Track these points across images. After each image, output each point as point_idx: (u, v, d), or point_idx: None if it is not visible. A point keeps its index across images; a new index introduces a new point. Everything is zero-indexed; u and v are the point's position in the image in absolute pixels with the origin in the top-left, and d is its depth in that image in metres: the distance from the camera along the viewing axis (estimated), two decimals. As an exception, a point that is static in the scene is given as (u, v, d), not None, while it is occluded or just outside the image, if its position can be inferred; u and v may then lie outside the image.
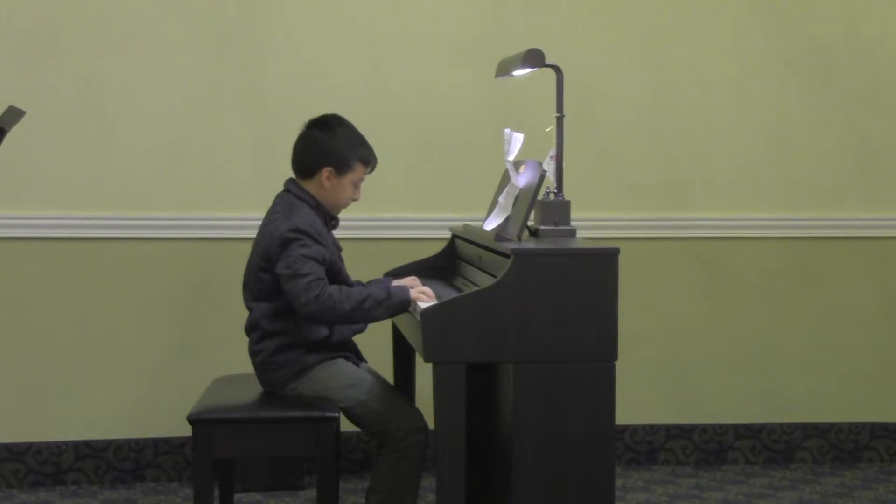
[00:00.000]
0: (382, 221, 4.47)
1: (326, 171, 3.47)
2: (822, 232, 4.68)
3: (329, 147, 3.48)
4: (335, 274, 3.44)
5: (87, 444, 4.35)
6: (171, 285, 4.38)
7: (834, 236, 4.68)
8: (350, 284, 3.45)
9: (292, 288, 3.28)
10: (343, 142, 3.48)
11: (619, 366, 3.13)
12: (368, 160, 3.53)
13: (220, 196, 4.39)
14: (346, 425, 3.56)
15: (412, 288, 3.36)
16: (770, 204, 4.68)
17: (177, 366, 4.39)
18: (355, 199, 3.56)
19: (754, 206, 4.67)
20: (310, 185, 3.50)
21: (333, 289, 3.28)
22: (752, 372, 4.70)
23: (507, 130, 3.41)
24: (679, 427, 4.67)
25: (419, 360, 3.47)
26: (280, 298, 3.38)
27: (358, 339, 3.62)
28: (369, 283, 3.62)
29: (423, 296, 3.32)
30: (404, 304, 3.30)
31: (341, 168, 3.48)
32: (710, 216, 4.64)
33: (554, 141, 3.50)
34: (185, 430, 3.61)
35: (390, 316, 3.34)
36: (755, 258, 4.68)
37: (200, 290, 4.39)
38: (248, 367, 3.59)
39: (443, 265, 3.92)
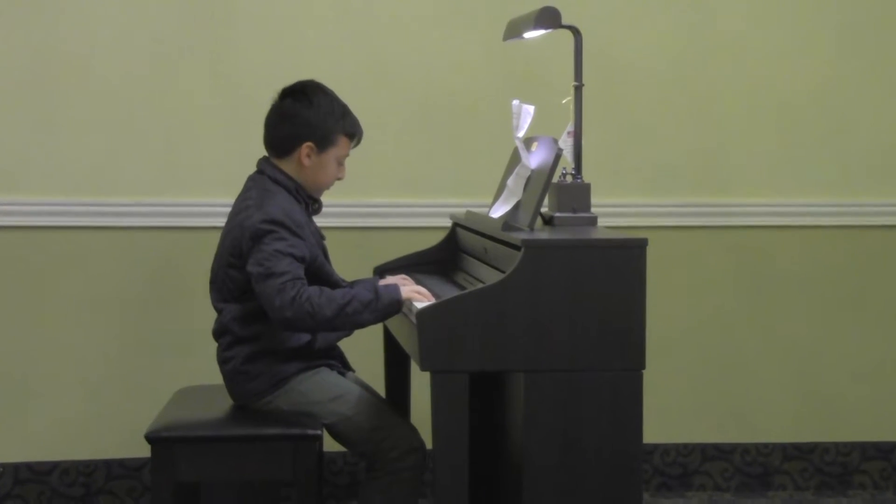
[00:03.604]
0: (372, 208, 4.49)
1: (306, 148, 3.49)
2: (880, 220, 4.70)
3: (308, 119, 3.49)
4: (317, 270, 3.45)
5: (29, 466, 4.37)
6: (127, 282, 4.39)
7: (895, 224, 4.72)
8: (338, 283, 3.48)
9: (265, 290, 3.29)
10: (324, 112, 3.48)
11: (647, 375, 3.15)
12: (354, 132, 3.54)
13: (184, 179, 4.40)
14: (330, 444, 3.59)
15: (403, 286, 3.37)
16: (820, 187, 4.69)
17: (133, 376, 4.41)
18: (340, 178, 3.59)
19: (802, 189, 4.69)
20: (287, 165, 3.52)
21: (313, 290, 3.27)
22: (801, 382, 4.72)
23: (515, 102, 3.42)
24: (717, 447, 4.70)
25: (415, 368, 3.48)
26: (253, 299, 3.40)
27: (344, 345, 3.65)
28: (354, 282, 3.67)
29: (418, 295, 3.32)
30: (395, 306, 3.30)
31: (323, 143, 3.49)
32: (752, 201, 4.66)
33: (572, 114, 3.52)
34: (143, 451, 3.61)
35: (379, 320, 3.34)
36: (804, 250, 4.69)
37: (161, 288, 4.42)
38: (215, 378, 3.63)
39: (442, 258, 3.96)
